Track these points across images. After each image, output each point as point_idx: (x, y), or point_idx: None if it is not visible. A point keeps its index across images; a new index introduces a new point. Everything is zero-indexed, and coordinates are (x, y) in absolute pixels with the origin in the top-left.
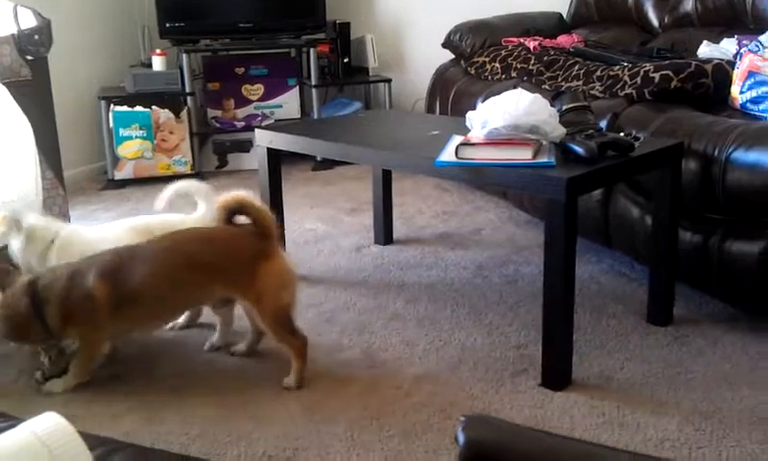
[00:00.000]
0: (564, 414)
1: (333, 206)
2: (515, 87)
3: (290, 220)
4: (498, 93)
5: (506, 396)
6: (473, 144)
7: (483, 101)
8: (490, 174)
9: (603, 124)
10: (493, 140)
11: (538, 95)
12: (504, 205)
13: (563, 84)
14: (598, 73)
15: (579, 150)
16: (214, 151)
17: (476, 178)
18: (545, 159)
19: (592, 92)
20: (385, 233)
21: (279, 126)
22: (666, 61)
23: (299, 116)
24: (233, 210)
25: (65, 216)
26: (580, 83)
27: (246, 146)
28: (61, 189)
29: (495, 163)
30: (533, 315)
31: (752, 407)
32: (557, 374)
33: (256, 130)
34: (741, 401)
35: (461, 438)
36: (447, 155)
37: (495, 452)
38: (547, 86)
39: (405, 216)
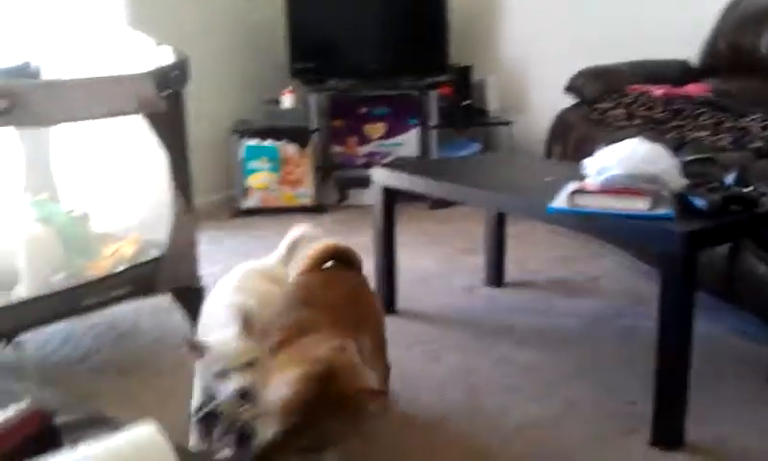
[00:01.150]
0: None
1: (447, 246)
2: (638, 136)
3: (403, 257)
4: (620, 141)
5: (612, 453)
6: (588, 192)
7: (603, 148)
8: (603, 224)
9: (730, 178)
10: (610, 188)
11: (658, 144)
12: (624, 253)
13: (688, 133)
14: (727, 124)
15: (700, 203)
16: (335, 185)
17: (588, 227)
18: (664, 211)
19: (720, 144)
20: (497, 276)
21: (395, 164)
22: None
23: (417, 155)
24: (326, 260)
25: (194, 242)
26: (707, 133)
27: (365, 182)
28: (192, 215)
29: (610, 213)
30: (649, 371)
31: None
32: (669, 433)
33: (374, 167)
34: None
35: None
36: (560, 201)
37: None
38: (673, 135)
39: (519, 259)
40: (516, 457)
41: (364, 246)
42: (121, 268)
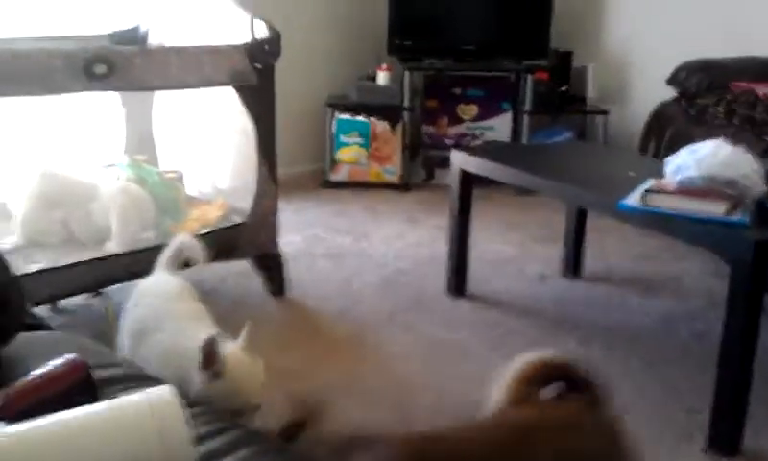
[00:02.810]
0: None
1: (526, 232)
2: (735, 136)
3: (480, 239)
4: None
5: (664, 458)
6: (663, 191)
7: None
8: (675, 225)
9: None
10: (686, 189)
11: (740, 148)
12: (710, 256)
13: None
14: None
15: None
16: (423, 164)
17: (660, 227)
18: (738, 217)
19: None
20: (573, 267)
21: (474, 148)
22: None
23: (508, 140)
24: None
25: (274, 211)
26: None
27: None
28: (273, 185)
29: (683, 215)
30: (714, 378)
31: None
32: (725, 440)
33: (452, 150)
34: None
35: None
36: (633, 199)
37: None
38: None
39: (599, 253)
40: None
41: (444, 227)
42: (205, 231)
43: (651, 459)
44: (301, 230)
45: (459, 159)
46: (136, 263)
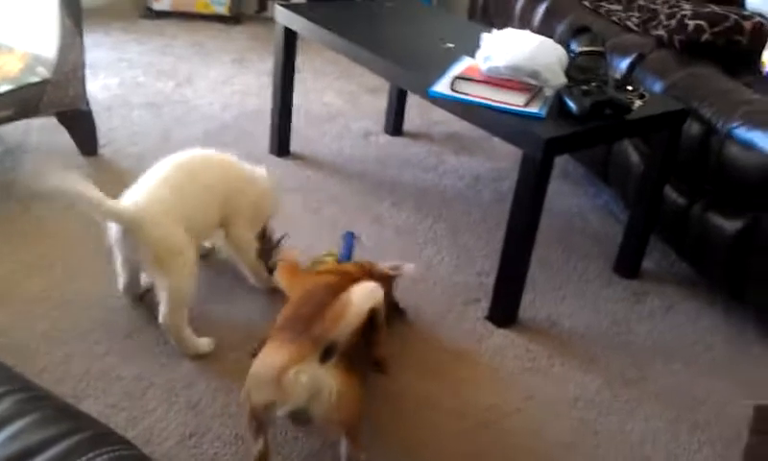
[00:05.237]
0: (496, 353)
1: (357, 81)
2: None
3: (310, 90)
4: None
5: (450, 323)
6: (470, 79)
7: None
8: (479, 115)
9: (625, 63)
10: (492, 79)
11: (549, 40)
12: None
13: (603, 3)
14: (640, 2)
15: (571, 105)
16: None
17: (466, 116)
18: (536, 110)
19: (627, 23)
20: (395, 123)
21: (299, 6)
22: (707, 9)
23: None
24: None
25: (81, 65)
26: (620, 7)
27: None
28: (79, 38)
29: (486, 104)
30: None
31: (676, 385)
32: (503, 312)
33: (276, 6)
34: (669, 376)
35: None
36: (443, 85)
37: None
38: (587, 2)
39: (423, 106)
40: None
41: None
42: (6, 88)
43: (439, 322)
44: (119, 73)
45: (283, 17)
46: None
